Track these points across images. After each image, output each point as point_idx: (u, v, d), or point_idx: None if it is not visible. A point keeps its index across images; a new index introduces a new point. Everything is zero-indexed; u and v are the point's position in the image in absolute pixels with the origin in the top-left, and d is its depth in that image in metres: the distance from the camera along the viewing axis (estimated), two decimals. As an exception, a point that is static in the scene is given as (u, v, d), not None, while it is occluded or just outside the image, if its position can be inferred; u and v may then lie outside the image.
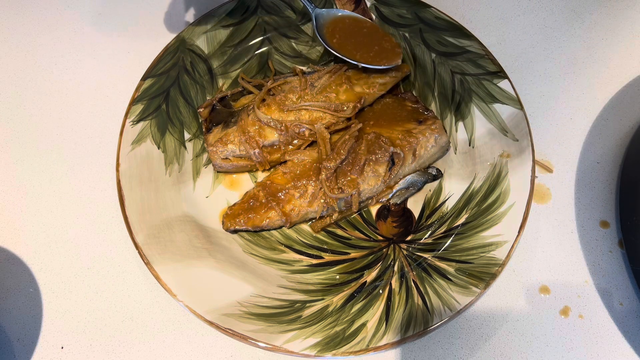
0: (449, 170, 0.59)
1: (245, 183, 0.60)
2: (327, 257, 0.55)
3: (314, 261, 0.55)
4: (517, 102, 0.58)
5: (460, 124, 0.60)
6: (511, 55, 0.66)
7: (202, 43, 0.63)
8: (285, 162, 0.58)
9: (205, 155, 0.60)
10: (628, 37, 0.67)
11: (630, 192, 0.55)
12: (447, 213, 0.56)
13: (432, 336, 0.52)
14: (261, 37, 0.65)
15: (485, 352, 0.51)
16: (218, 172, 0.60)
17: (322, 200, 0.55)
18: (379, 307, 0.50)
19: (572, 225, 0.57)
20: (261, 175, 0.60)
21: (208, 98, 0.63)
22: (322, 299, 0.51)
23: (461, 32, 0.62)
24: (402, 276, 0.52)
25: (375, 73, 0.61)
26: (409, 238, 0.56)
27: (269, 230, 0.57)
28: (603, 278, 0.54)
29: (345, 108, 0.58)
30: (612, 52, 0.66)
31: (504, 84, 0.59)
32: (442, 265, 0.52)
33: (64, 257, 0.56)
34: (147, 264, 0.51)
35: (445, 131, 0.59)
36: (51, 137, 0.63)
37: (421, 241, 0.55)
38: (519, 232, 0.51)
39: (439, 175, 0.58)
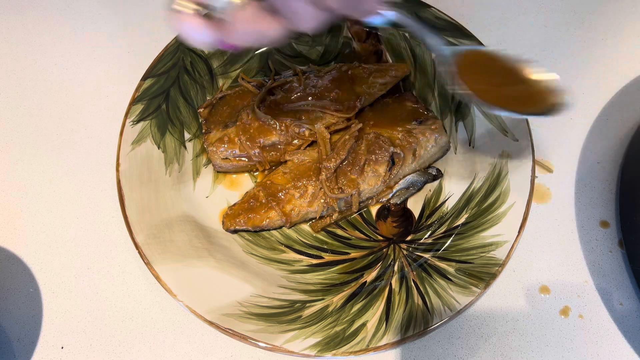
0: (449, 170, 0.59)
1: (245, 183, 0.60)
2: (327, 257, 0.55)
3: (314, 261, 0.55)
4: (517, 102, 0.58)
5: (460, 124, 0.60)
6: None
7: (202, 43, 0.63)
8: (285, 162, 0.58)
9: (205, 155, 0.60)
10: (628, 37, 0.67)
11: (630, 192, 0.55)
12: (447, 213, 0.56)
13: (432, 336, 0.52)
14: (261, 37, 0.65)
15: (485, 352, 0.51)
16: (218, 172, 0.60)
17: (322, 200, 0.55)
18: (379, 307, 0.50)
19: (572, 225, 0.57)
20: (261, 175, 0.60)
21: (208, 98, 0.63)
22: (322, 299, 0.51)
23: (461, 32, 0.62)
24: (402, 276, 0.52)
25: (375, 73, 0.61)
26: (409, 238, 0.56)
27: (269, 230, 0.57)
28: (603, 278, 0.54)
29: (345, 108, 0.58)
30: (612, 52, 0.66)
31: (504, 84, 0.59)
32: (442, 265, 0.52)
33: (64, 257, 0.56)
34: (147, 264, 0.51)
35: (445, 131, 0.59)
36: (51, 137, 0.63)
37: (421, 241, 0.55)
38: (519, 232, 0.51)
39: (439, 175, 0.58)
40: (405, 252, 0.54)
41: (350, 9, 0.37)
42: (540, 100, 0.44)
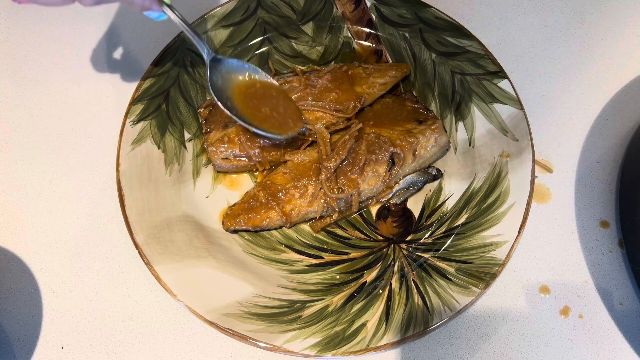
0: (449, 170, 0.59)
1: (245, 183, 0.60)
2: (327, 257, 0.55)
3: (314, 261, 0.55)
4: (517, 102, 0.58)
5: (460, 124, 0.60)
6: (511, 55, 0.66)
7: (202, 43, 0.63)
8: (285, 162, 0.58)
9: (205, 155, 0.60)
10: (628, 37, 0.67)
11: (630, 192, 0.55)
12: (447, 213, 0.56)
13: (432, 336, 0.52)
14: (261, 37, 0.65)
15: (485, 352, 0.51)
16: (218, 172, 0.60)
17: (322, 200, 0.55)
18: (379, 307, 0.50)
19: (572, 225, 0.57)
20: (261, 175, 0.60)
21: (208, 98, 0.63)
22: (322, 299, 0.51)
23: (461, 32, 0.62)
24: (402, 276, 0.52)
25: (375, 73, 0.61)
26: (409, 238, 0.56)
27: (269, 230, 0.57)
28: (603, 278, 0.54)
29: (345, 108, 0.58)
30: (612, 52, 0.66)
31: (504, 84, 0.59)
32: (442, 265, 0.52)
33: (64, 257, 0.56)
34: (147, 264, 0.51)
35: (445, 131, 0.59)
36: (51, 137, 0.63)
37: (421, 241, 0.55)
38: (519, 232, 0.51)
39: (439, 175, 0.58)
40: (405, 252, 0.54)
41: (126, 3, 0.44)
42: (286, 128, 0.55)
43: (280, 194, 0.55)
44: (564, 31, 0.68)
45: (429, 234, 0.55)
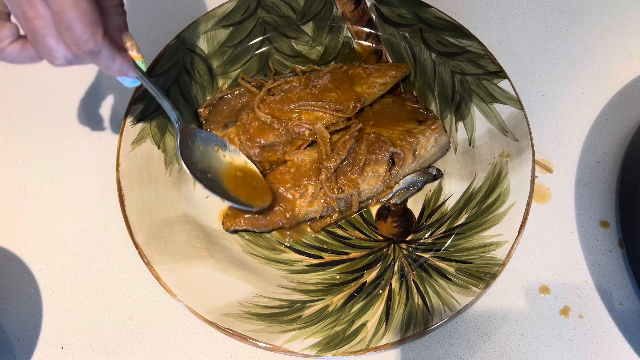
0: (449, 170, 0.59)
1: (245, 183, 0.60)
2: (327, 257, 0.55)
3: (314, 261, 0.55)
4: (517, 102, 0.58)
5: (460, 124, 0.60)
6: (511, 55, 0.66)
7: (202, 43, 0.63)
8: (285, 162, 0.58)
9: (205, 155, 0.60)
10: (628, 37, 0.67)
11: (630, 192, 0.55)
12: (447, 213, 0.56)
13: (432, 336, 0.52)
14: (261, 37, 0.65)
15: (485, 352, 0.51)
16: (218, 172, 0.60)
17: (322, 200, 0.55)
18: (379, 307, 0.50)
19: (572, 225, 0.57)
20: (261, 175, 0.60)
21: (208, 98, 0.63)
22: (322, 299, 0.51)
23: (461, 32, 0.62)
24: (402, 276, 0.52)
25: (375, 73, 0.61)
26: (409, 238, 0.56)
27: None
28: (603, 278, 0.54)
29: (345, 108, 0.58)
30: (612, 52, 0.66)
31: (504, 84, 0.59)
32: (442, 265, 0.52)
33: (64, 257, 0.56)
34: (147, 264, 0.51)
35: (445, 131, 0.59)
36: (51, 136, 0.63)
37: (421, 241, 0.55)
38: (519, 232, 0.51)
39: (439, 175, 0.58)
40: (405, 252, 0.54)
41: (102, 67, 0.44)
42: (258, 202, 0.54)
43: (280, 194, 0.55)
44: (564, 31, 0.68)
45: (429, 234, 0.55)
